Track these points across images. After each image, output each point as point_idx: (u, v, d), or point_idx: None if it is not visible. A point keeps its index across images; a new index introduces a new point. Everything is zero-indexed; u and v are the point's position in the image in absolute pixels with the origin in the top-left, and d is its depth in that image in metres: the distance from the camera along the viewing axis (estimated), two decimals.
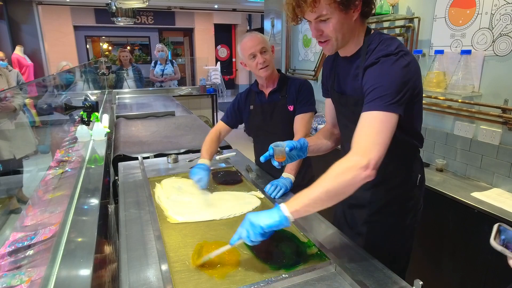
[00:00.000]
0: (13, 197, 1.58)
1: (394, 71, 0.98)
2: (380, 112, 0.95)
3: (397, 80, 0.97)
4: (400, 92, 0.96)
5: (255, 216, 0.96)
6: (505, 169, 1.85)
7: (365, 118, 0.97)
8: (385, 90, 0.96)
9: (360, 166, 0.90)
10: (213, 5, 9.46)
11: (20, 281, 0.79)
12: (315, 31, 1.06)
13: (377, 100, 0.95)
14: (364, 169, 0.90)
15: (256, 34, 1.64)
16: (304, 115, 1.68)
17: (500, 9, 1.80)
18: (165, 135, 2.66)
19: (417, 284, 0.87)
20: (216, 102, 5.87)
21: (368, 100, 0.98)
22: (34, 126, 2.16)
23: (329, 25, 1.02)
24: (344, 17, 1.02)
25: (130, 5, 4.08)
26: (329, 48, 1.09)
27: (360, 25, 1.09)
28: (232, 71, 12.40)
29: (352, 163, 0.91)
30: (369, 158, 0.90)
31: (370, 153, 0.91)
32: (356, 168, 0.90)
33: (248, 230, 0.94)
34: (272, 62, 1.67)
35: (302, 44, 3.79)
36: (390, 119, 0.95)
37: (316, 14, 1.01)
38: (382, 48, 1.03)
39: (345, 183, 0.91)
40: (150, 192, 1.51)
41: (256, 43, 1.60)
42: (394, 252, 1.25)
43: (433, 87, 2.06)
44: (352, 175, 0.90)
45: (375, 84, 0.98)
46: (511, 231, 0.63)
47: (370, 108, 0.97)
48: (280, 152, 1.19)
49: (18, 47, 7.01)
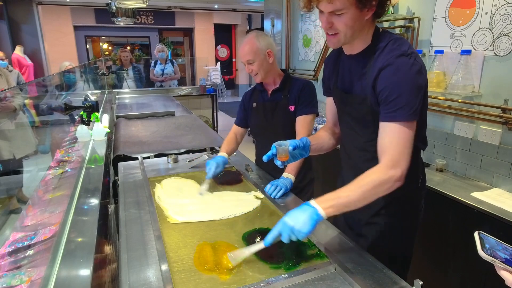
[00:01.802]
0: (13, 197, 1.57)
1: (411, 77, 0.99)
2: (405, 122, 1.00)
3: (415, 87, 0.99)
4: (418, 99, 1.00)
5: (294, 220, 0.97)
6: (505, 169, 1.85)
7: (392, 128, 1.01)
8: (407, 99, 0.99)
9: (395, 179, 0.99)
10: (213, 5, 9.46)
11: (20, 281, 0.79)
12: (326, 23, 1.05)
13: (400, 110, 0.99)
14: (398, 181, 1.00)
15: (245, 44, 1.64)
16: (306, 116, 1.68)
17: (500, 9, 1.80)
18: (165, 135, 2.66)
19: (417, 284, 0.87)
20: (216, 102, 5.87)
21: (391, 109, 1.00)
22: (34, 126, 2.16)
23: (341, 19, 1.01)
24: (359, 15, 1.01)
25: (130, 5, 4.08)
26: (335, 42, 1.08)
27: (371, 24, 1.09)
28: (232, 71, 12.40)
29: (388, 176, 0.99)
30: (402, 170, 0.99)
31: (402, 165, 1.00)
32: (392, 181, 0.99)
33: (290, 235, 0.97)
34: (262, 69, 1.67)
35: (302, 44, 3.79)
36: (413, 126, 1.01)
37: (332, 7, 0.99)
38: (394, 47, 1.03)
39: (381, 193, 1.01)
40: (150, 192, 1.51)
41: (243, 53, 1.64)
42: (395, 253, 1.24)
43: (433, 87, 2.06)
44: (388, 186, 1.00)
45: (395, 92, 0.99)
46: (492, 238, 0.63)
47: (395, 119, 1.00)
48: (283, 151, 1.18)
49: (18, 47, 7.01)
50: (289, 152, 1.19)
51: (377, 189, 1.00)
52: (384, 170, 0.99)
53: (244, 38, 1.68)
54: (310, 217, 0.96)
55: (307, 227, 0.95)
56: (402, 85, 0.99)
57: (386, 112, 1.01)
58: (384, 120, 1.02)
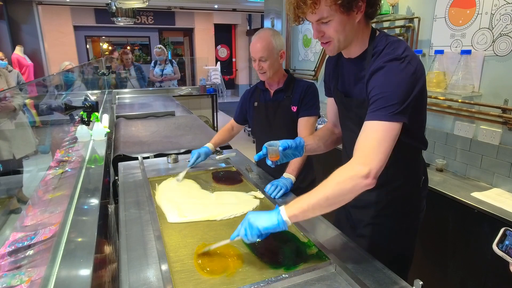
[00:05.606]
0: (13, 197, 1.57)
1: (400, 79, 0.97)
2: (384, 122, 0.95)
3: (403, 89, 0.96)
4: (405, 101, 0.96)
5: (255, 217, 0.98)
6: (505, 169, 1.85)
7: (369, 127, 0.97)
8: (391, 99, 0.95)
9: (361, 175, 0.91)
10: (213, 5, 9.47)
11: (20, 281, 0.79)
12: (316, 33, 1.05)
13: (382, 110, 0.95)
14: (365, 178, 0.91)
15: (265, 36, 1.60)
16: (308, 118, 1.69)
17: (500, 9, 1.80)
18: (165, 135, 2.66)
19: (417, 284, 0.87)
20: (216, 102, 5.87)
21: (373, 109, 0.97)
22: (34, 126, 2.16)
23: (330, 26, 1.01)
24: (347, 19, 1.00)
25: (130, 5, 4.07)
26: (331, 49, 1.08)
27: (364, 26, 1.07)
28: (232, 71, 12.40)
29: (353, 172, 0.92)
30: (370, 167, 0.91)
31: (371, 162, 0.92)
32: (357, 177, 0.91)
33: (246, 229, 0.98)
34: (272, 68, 1.66)
35: (302, 44, 3.79)
36: (394, 128, 0.95)
37: (317, 16, 1.00)
38: (389, 51, 1.02)
39: (345, 191, 0.93)
40: (150, 192, 1.51)
41: (257, 50, 1.61)
42: (396, 253, 1.24)
43: (433, 87, 2.06)
44: (353, 184, 0.92)
45: (381, 92, 0.97)
46: None
47: (374, 118, 0.97)
48: (273, 151, 1.20)
49: (18, 47, 7.02)
50: (280, 152, 1.20)
51: (340, 186, 0.92)
52: (349, 166, 0.94)
53: (257, 34, 1.64)
54: (269, 217, 0.96)
55: (262, 224, 0.95)
56: (389, 86, 0.97)
57: (370, 111, 0.99)
58: (367, 119, 0.99)
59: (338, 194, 0.93)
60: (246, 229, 0.98)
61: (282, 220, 0.95)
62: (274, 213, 0.97)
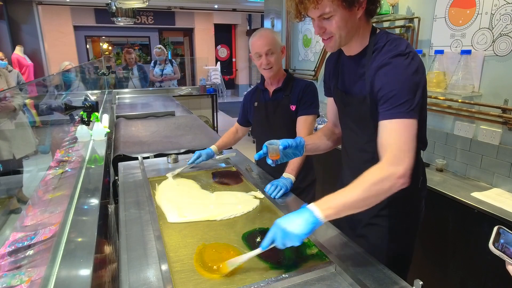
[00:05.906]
0: (13, 197, 1.57)
1: (408, 76, 0.97)
2: (403, 119, 0.96)
3: (413, 85, 0.97)
4: (416, 97, 0.97)
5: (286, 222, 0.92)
6: (505, 169, 1.85)
7: (389, 126, 0.98)
8: (404, 96, 0.96)
9: (397, 176, 0.93)
10: (213, 5, 9.47)
11: (20, 281, 0.79)
12: (318, 29, 1.05)
13: (398, 107, 0.96)
14: (401, 178, 0.93)
15: (267, 33, 1.62)
16: (307, 117, 1.69)
17: (500, 9, 1.80)
18: (165, 135, 2.66)
19: (417, 284, 0.87)
20: (216, 102, 5.87)
21: (388, 107, 0.98)
22: (34, 126, 2.16)
23: (332, 22, 1.01)
24: (348, 14, 1.01)
25: (130, 5, 4.07)
26: (332, 45, 1.08)
27: (365, 23, 1.08)
28: (232, 71, 12.40)
29: (388, 173, 0.93)
30: (404, 167, 0.93)
31: (404, 162, 0.94)
32: (393, 178, 0.93)
33: (284, 239, 0.91)
34: (277, 63, 1.67)
35: (302, 44, 3.79)
36: (413, 124, 0.97)
37: (319, 12, 1.00)
38: (391, 48, 1.02)
39: (383, 192, 0.94)
40: (150, 192, 1.51)
41: (263, 43, 1.60)
42: (396, 253, 1.24)
43: (433, 87, 2.06)
44: (390, 184, 0.93)
45: (392, 90, 0.97)
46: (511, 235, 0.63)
47: (392, 116, 0.97)
48: (274, 150, 1.20)
49: (18, 47, 7.01)
50: (280, 151, 1.20)
51: (377, 187, 0.93)
52: (384, 167, 0.94)
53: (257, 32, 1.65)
54: (305, 219, 0.90)
55: (302, 229, 0.89)
56: (399, 83, 0.97)
57: (385, 110, 0.99)
58: (383, 118, 0.99)
59: (375, 195, 0.94)
60: (283, 239, 0.90)
61: (320, 222, 0.91)
62: (308, 215, 0.91)
